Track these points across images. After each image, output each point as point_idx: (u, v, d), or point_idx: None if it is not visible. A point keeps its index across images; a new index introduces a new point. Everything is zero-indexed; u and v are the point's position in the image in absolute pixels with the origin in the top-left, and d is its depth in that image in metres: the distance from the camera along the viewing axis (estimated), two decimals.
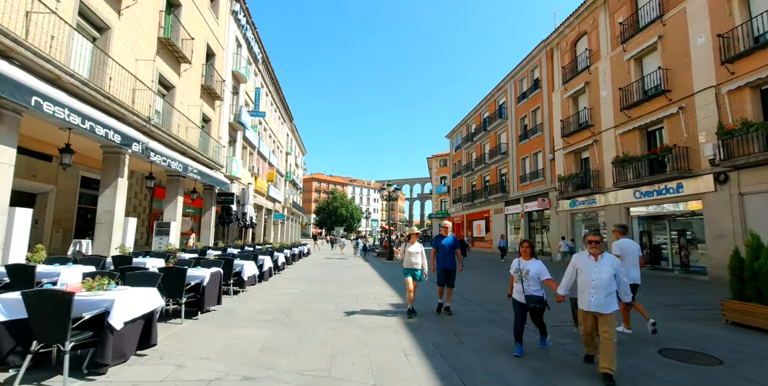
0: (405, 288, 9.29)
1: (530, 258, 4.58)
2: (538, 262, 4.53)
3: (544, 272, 4.42)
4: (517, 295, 4.49)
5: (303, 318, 5.97)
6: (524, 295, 4.40)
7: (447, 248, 6.60)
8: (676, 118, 13.48)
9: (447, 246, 6.61)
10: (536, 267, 4.45)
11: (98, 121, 8.31)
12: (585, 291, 3.83)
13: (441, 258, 6.57)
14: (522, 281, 4.44)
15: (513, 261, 4.70)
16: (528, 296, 4.38)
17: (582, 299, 3.89)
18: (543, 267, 4.47)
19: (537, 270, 4.42)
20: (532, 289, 4.38)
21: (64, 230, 12.02)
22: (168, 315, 5.92)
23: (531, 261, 4.54)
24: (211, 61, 16.74)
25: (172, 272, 5.44)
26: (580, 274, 3.93)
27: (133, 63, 10.75)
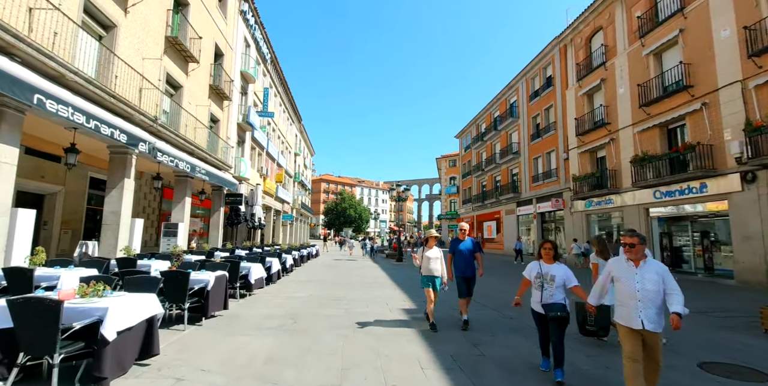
0: (417, 292, 9.01)
1: (553, 262, 3.94)
2: (563, 267, 3.90)
3: (571, 278, 3.81)
4: (536, 306, 3.90)
5: (311, 325, 5.67)
6: (541, 305, 3.82)
7: (466, 253, 5.90)
8: (700, 114, 12.91)
9: (466, 251, 5.90)
10: (562, 272, 3.84)
11: (103, 120, 8.13)
12: (628, 305, 3.08)
13: (460, 265, 5.85)
14: (543, 288, 3.84)
15: (530, 264, 4.07)
16: (546, 305, 3.74)
17: (624, 314, 3.13)
18: (570, 272, 3.86)
19: (563, 275, 3.81)
20: (556, 297, 3.77)
21: (72, 231, 11.94)
22: (171, 320, 5.66)
23: (555, 265, 3.91)
24: (220, 61, 16.60)
25: (175, 276, 5.19)
26: (618, 283, 3.24)
27: (139, 62, 10.60)
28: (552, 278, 3.82)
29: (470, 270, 5.87)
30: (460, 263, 5.87)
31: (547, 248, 3.99)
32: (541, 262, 3.99)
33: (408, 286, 10.45)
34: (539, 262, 3.99)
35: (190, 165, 11.90)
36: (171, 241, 12.50)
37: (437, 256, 5.72)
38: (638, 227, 15.37)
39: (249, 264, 8.09)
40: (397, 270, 15.44)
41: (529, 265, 4.09)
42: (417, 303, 7.81)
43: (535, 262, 4.06)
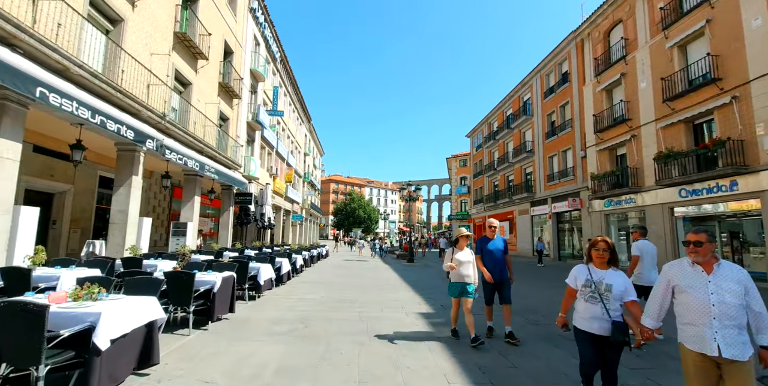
0: (432, 295, 8.56)
1: (608, 267, 3.02)
2: (621, 274, 3.00)
3: (630, 290, 2.93)
4: (588, 322, 2.93)
5: (323, 330, 5.29)
6: (607, 322, 2.86)
7: (497, 254, 5.16)
8: (729, 108, 12.24)
9: (496, 251, 5.17)
10: (621, 281, 2.94)
11: (110, 115, 7.88)
12: (698, 324, 2.33)
13: (489, 267, 5.13)
14: (596, 301, 2.92)
15: (576, 269, 3.15)
16: (616, 324, 2.81)
17: (692, 336, 2.37)
18: (629, 282, 2.99)
19: (622, 286, 2.91)
20: (615, 314, 2.88)
21: (82, 230, 11.80)
22: (176, 324, 5.34)
23: (611, 272, 2.99)
24: (229, 59, 16.40)
25: (179, 277, 4.86)
26: (682, 295, 2.44)
27: (147, 57, 10.38)
28: (608, 288, 2.91)
29: (501, 274, 5.15)
30: (489, 265, 5.15)
31: (600, 249, 3.02)
32: (591, 267, 3.06)
33: (422, 288, 10.03)
34: (588, 267, 3.08)
35: (199, 163, 11.66)
36: (180, 241, 12.28)
37: (469, 259, 4.96)
38: (662, 227, 14.71)
39: (258, 265, 7.76)
40: (409, 272, 15.02)
41: (574, 270, 3.17)
42: (434, 307, 7.39)
43: (582, 266, 3.13)
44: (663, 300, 2.58)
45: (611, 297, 2.88)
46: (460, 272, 4.89)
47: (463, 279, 4.91)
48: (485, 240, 5.32)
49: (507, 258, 5.28)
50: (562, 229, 22.94)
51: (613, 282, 2.92)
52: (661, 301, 2.58)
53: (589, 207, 19.28)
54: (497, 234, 5.37)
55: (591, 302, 2.96)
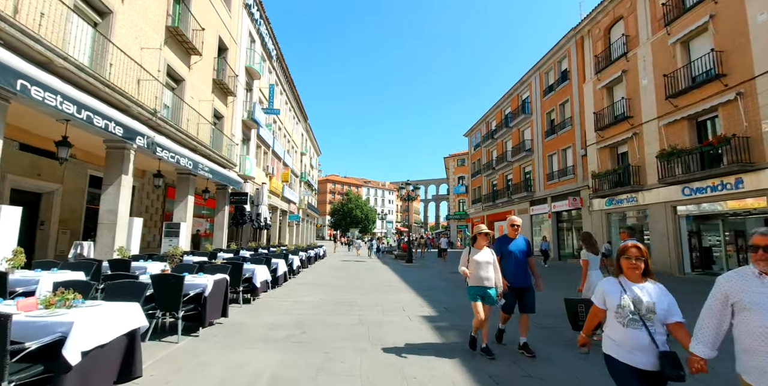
0: (434, 296, 8.28)
1: (644, 279, 2.34)
2: (661, 288, 2.32)
3: (674, 308, 2.25)
4: (630, 355, 2.22)
5: (322, 336, 4.97)
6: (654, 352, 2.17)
7: (519, 256, 4.54)
8: (734, 105, 12.04)
9: (518, 252, 4.55)
10: (663, 297, 2.27)
11: (97, 110, 7.53)
12: (762, 352, 1.83)
13: (510, 271, 4.49)
14: (645, 325, 2.20)
15: (605, 283, 2.47)
16: (666, 355, 2.14)
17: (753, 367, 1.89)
18: (671, 297, 2.30)
19: (665, 303, 2.25)
20: (660, 340, 2.20)
21: (71, 231, 11.43)
22: (164, 330, 5.01)
23: (649, 286, 2.31)
24: (224, 55, 16.03)
25: (167, 281, 4.53)
26: (744, 314, 1.92)
27: (138, 52, 10.02)
28: (650, 308, 2.22)
29: (524, 279, 4.52)
30: (510, 269, 4.50)
31: (632, 256, 2.34)
32: (624, 280, 2.38)
33: (423, 289, 9.73)
34: (620, 281, 2.38)
35: (192, 162, 11.31)
36: (173, 242, 11.92)
37: (489, 260, 4.32)
38: (664, 226, 14.51)
39: (253, 267, 7.43)
40: (409, 272, 14.72)
41: (603, 285, 2.46)
42: (436, 309, 7.09)
43: (612, 281, 2.43)
44: (720, 322, 1.99)
45: (655, 319, 2.21)
46: (479, 274, 4.27)
47: (482, 282, 4.26)
48: (505, 240, 4.68)
49: (530, 260, 4.65)
50: (562, 228, 22.73)
51: (657, 300, 2.24)
52: (717, 323, 2.00)
53: (589, 206, 19.07)
54: (519, 233, 4.72)
55: (633, 327, 2.23)
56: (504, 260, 4.55)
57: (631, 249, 2.38)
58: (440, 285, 10.69)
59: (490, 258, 4.35)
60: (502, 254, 4.58)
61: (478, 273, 4.28)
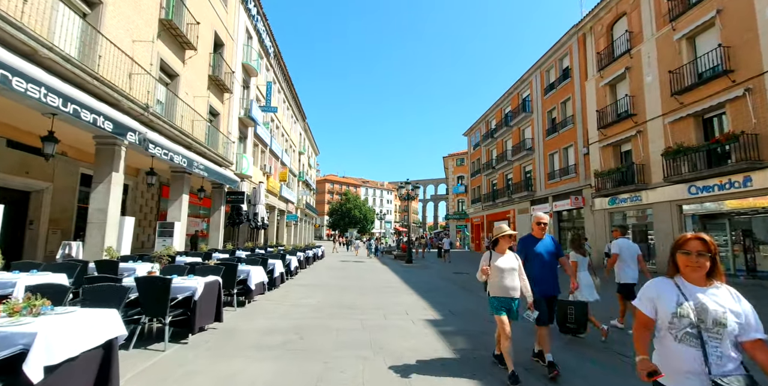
0: (436, 298, 7.95)
1: (710, 282, 1.81)
2: (735, 294, 1.80)
3: (752, 321, 1.71)
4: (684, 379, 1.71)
5: (321, 343, 4.63)
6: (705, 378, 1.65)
7: (547, 258, 3.94)
8: (742, 101, 11.76)
9: (547, 254, 3.95)
10: (737, 304, 1.75)
11: (84, 104, 7.18)
12: None
13: (538, 276, 3.87)
14: (703, 342, 1.69)
15: (655, 283, 1.91)
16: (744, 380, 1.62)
17: None
18: (749, 306, 1.76)
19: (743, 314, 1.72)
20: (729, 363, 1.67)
21: (62, 231, 11.05)
22: (151, 337, 4.66)
23: (717, 289, 1.79)
24: (220, 51, 15.67)
25: (153, 283, 4.19)
26: None
27: (129, 44, 9.66)
28: (719, 320, 1.69)
29: (553, 286, 3.94)
30: (538, 273, 3.88)
31: (693, 251, 1.78)
32: (681, 281, 1.84)
33: (425, 291, 9.40)
34: (676, 282, 1.85)
35: (186, 159, 10.95)
36: (166, 242, 11.57)
37: (514, 266, 3.68)
38: (669, 225, 14.22)
39: (248, 267, 7.08)
40: (409, 273, 14.40)
41: (651, 286, 1.91)
42: (441, 312, 6.76)
43: (665, 281, 1.90)
44: None
45: (725, 333, 1.66)
46: (503, 283, 3.62)
47: (508, 292, 3.62)
48: (530, 240, 4.05)
49: (562, 261, 4.12)
50: (564, 228, 22.45)
51: (728, 309, 1.70)
52: None
53: (592, 205, 18.78)
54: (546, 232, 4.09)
55: (688, 342, 1.71)
56: (530, 264, 3.91)
57: (692, 241, 1.79)
58: (442, 287, 10.37)
59: (515, 263, 3.71)
60: (526, 256, 3.95)
61: (503, 282, 3.62)
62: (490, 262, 3.69)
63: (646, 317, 1.90)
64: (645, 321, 1.91)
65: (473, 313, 6.66)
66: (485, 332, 5.30)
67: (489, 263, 3.69)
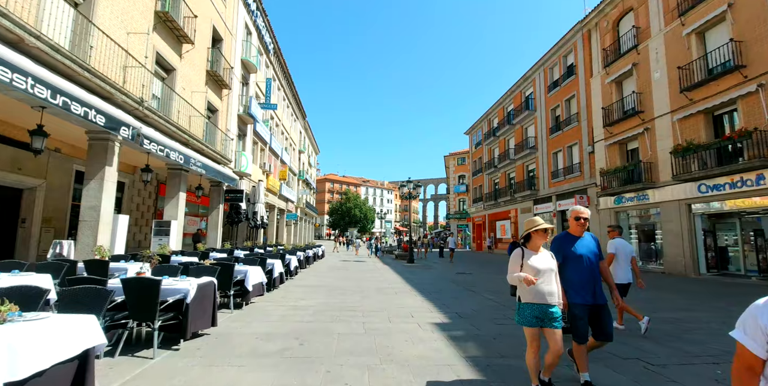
0: (441, 300, 7.64)
1: None
2: None
3: None
4: None
5: (323, 349, 4.31)
6: None
7: (591, 260, 3.28)
8: (755, 97, 11.45)
9: (590, 255, 3.28)
10: None
11: (74, 96, 6.86)
12: None
13: (579, 281, 3.23)
14: None
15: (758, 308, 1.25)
16: None
17: None
18: None
19: None
20: None
21: (55, 230, 10.74)
22: (140, 342, 4.34)
23: None
24: (218, 46, 15.34)
25: (140, 285, 3.86)
26: None
27: (123, 36, 9.34)
28: None
29: (598, 291, 3.25)
30: (576, 278, 3.23)
31: None
32: None
33: (430, 292, 9.08)
34: None
35: (183, 156, 10.63)
36: (163, 241, 11.25)
37: (552, 267, 3.07)
38: (678, 225, 13.90)
39: (246, 268, 6.75)
40: (412, 273, 14.07)
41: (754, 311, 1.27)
42: (448, 315, 6.44)
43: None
44: None
45: None
46: (539, 287, 2.97)
47: (545, 298, 2.97)
48: (568, 238, 3.39)
49: (602, 265, 3.42)
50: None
51: None
52: None
53: (597, 204, 18.46)
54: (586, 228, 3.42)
55: None
56: (568, 267, 3.27)
57: None
58: (447, 288, 10.04)
59: (553, 263, 3.09)
60: (564, 258, 3.30)
61: (537, 286, 2.97)
62: (523, 262, 3.04)
63: (752, 356, 1.26)
64: (751, 362, 1.27)
65: (481, 316, 6.34)
66: (496, 337, 4.98)
67: (522, 263, 3.04)
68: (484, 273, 14.15)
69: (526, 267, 3.03)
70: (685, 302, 8.14)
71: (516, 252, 3.13)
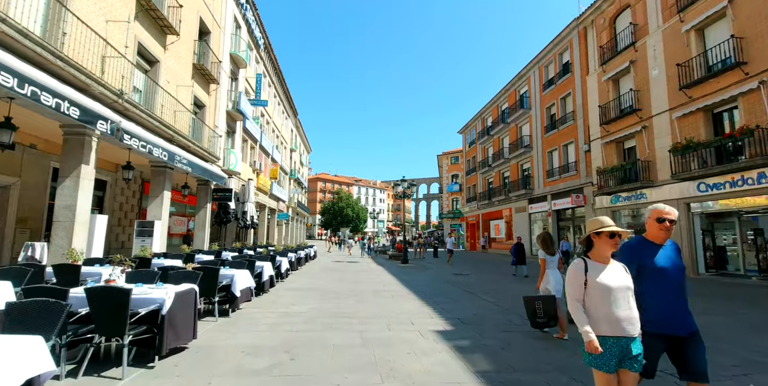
0: (442, 304, 7.26)
1: None
2: None
3: None
4: None
5: (316, 365, 3.86)
6: None
7: (674, 275, 2.45)
8: (756, 94, 11.26)
9: (677, 270, 2.48)
10: None
11: (44, 86, 6.29)
12: None
13: (657, 304, 2.41)
14: None
15: None
16: None
17: None
18: None
19: None
20: None
21: (31, 231, 10.10)
22: (109, 359, 3.85)
23: None
24: (205, 39, 14.74)
25: (109, 295, 3.38)
26: None
27: (102, 24, 8.75)
28: None
29: (684, 316, 2.43)
30: (657, 299, 2.42)
31: None
32: None
33: (428, 295, 8.68)
34: None
35: (167, 152, 10.06)
36: (145, 242, 10.68)
37: (628, 284, 2.26)
38: (677, 225, 13.67)
39: (232, 272, 6.26)
40: (407, 274, 13.67)
41: None
42: (450, 321, 6.04)
43: None
44: None
45: None
46: (613, 312, 2.17)
47: (623, 328, 2.16)
48: (645, 246, 2.53)
49: None
50: (564, 227, 21.92)
51: None
52: None
53: (593, 203, 18.26)
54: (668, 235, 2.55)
55: None
56: (643, 284, 2.41)
57: None
58: (445, 290, 9.66)
59: (628, 279, 2.26)
60: (638, 272, 2.44)
61: (611, 311, 2.16)
62: (587, 278, 2.23)
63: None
64: None
65: (484, 322, 5.95)
66: (504, 347, 4.59)
67: (586, 279, 2.24)
68: (480, 274, 13.81)
69: (592, 287, 2.21)
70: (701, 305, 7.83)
71: (576, 266, 2.32)
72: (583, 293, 2.24)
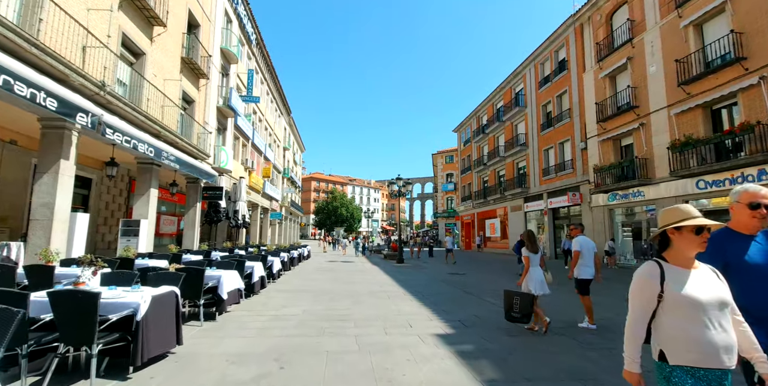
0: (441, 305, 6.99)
1: None
2: None
3: None
4: None
5: (308, 375, 3.53)
6: None
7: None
8: (756, 90, 11.11)
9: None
10: None
11: (18, 75, 5.90)
12: None
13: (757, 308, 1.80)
14: None
15: None
16: None
17: None
18: None
19: None
20: None
21: (11, 230, 9.64)
22: (78, 369, 3.48)
23: None
24: (195, 32, 14.30)
25: (74, 299, 3.02)
26: None
27: (83, 12, 8.32)
28: None
29: None
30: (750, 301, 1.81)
31: None
32: None
33: (425, 295, 8.37)
34: None
35: (153, 148, 9.65)
36: (131, 242, 10.26)
37: (723, 298, 1.59)
38: None
39: (220, 273, 5.90)
40: (403, 274, 13.36)
41: None
42: (451, 323, 5.74)
43: None
44: None
45: None
46: (703, 334, 1.53)
47: (719, 357, 1.52)
48: (733, 237, 2.00)
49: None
50: (560, 226, 21.76)
51: None
52: None
53: (590, 202, 18.11)
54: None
55: None
56: (736, 287, 1.76)
57: None
58: (442, 290, 9.37)
59: (724, 290, 1.63)
60: (726, 269, 1.86)
61: (702, 334, 1.54)
62: (663, 288, 1.61)
63: None
64: None
65: (487, 324, 5.66)
66: (512, 353, 4.29)
67: (662, 291, 1.61)
68: (477, 273, 13.56)
69: (673, 300, 1.59)
70: None
71: (647, 271, 1.67)
72: (654, 309, 1.64)
